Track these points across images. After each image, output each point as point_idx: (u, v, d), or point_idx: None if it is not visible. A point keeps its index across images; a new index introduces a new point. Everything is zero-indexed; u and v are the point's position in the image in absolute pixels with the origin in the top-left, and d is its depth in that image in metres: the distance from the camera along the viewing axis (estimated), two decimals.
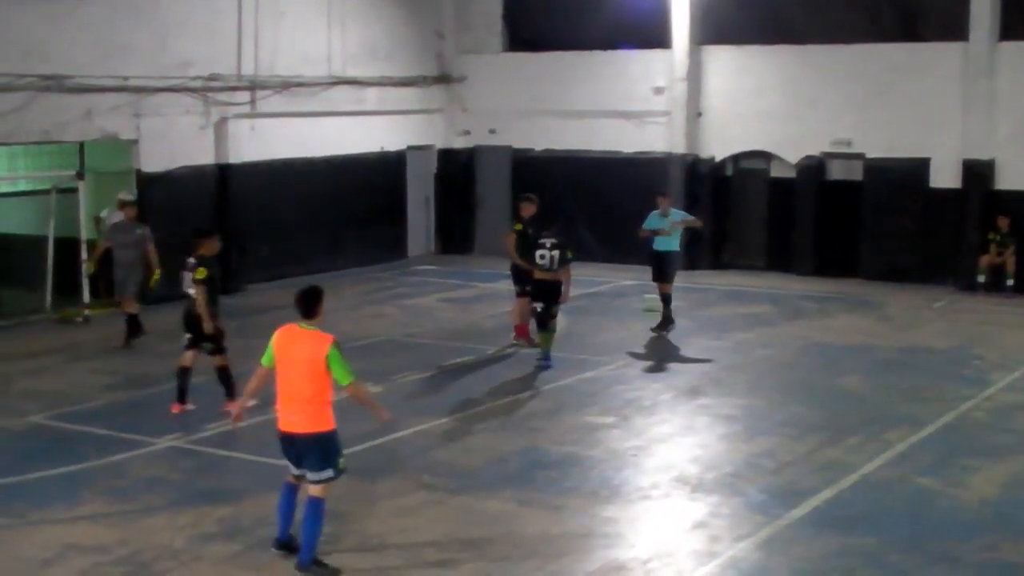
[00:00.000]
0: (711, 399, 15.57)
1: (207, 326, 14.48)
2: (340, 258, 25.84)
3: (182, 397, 14.71)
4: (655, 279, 19.68)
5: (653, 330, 19.37)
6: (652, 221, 19.37)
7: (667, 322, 19.52)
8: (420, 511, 11.38)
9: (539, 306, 17.44)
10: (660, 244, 19.42)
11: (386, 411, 10.18)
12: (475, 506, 11.50)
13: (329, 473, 9.81)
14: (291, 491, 10.16)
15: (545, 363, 17.26)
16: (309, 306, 9.85)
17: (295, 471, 10.01)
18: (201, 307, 14.38)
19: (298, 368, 9.66)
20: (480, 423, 14.46)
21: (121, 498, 11.69)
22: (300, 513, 9.98)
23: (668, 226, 19.27)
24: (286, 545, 10.18)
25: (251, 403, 10.77)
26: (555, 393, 15.89)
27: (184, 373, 14.71)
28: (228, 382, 14.62)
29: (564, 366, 17.28)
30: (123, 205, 19.38)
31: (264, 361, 9.93)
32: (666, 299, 19.51)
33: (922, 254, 24.20)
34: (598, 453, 13.23)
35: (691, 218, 20.11)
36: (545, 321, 17.43)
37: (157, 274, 18.49)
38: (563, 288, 17.28)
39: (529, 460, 12.95)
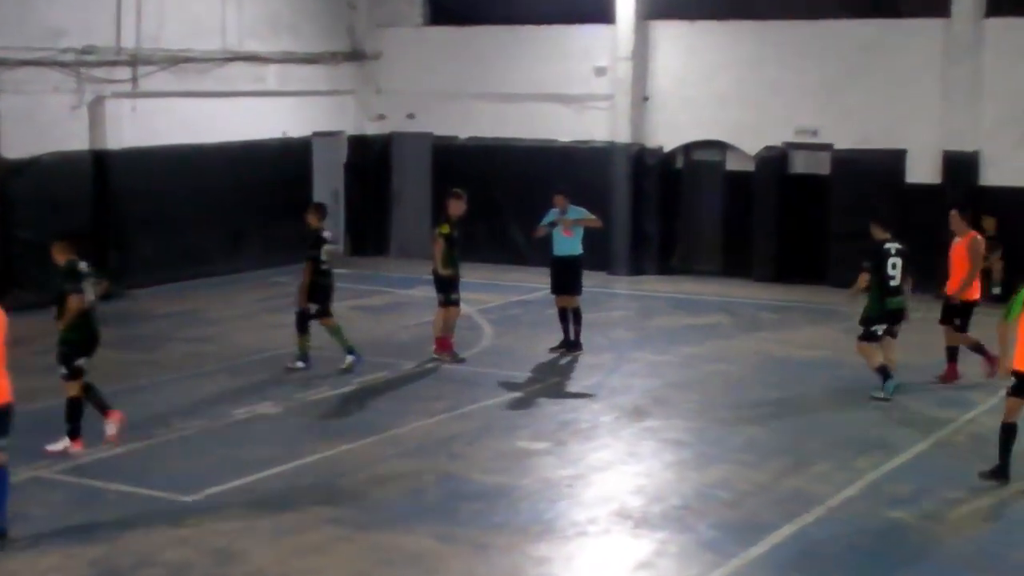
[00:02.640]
0: (657, 421, 15.60)
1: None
2: (236, 259, 25.63)
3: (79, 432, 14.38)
4: (556, 291, 19.24)
5: (553, 349, 19.19)
6: (547, 220, 19.15)
7: (573, 345, 19.16)
8: (325, 549, 11.29)
9: (315, 307, 17.95)
10: (561, 248, 19.08)
11: None
12: (388, 543, 11.43)
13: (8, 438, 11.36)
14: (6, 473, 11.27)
15: (356, 360, 17.89)
16: None
17: None
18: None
19: (1, 337, 11.12)
20: (394, 448, 14.39)
21: None
22: None
23: (563, 224, 18.93)
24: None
25: None
26: (480, 414, 15.85)
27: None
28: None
29: (490, 383, 17.27)
30: None
31: None
32: (576, 316, 19.22)
33: None
34: (529, 483, 13.20)
35: (591, 216, 19.37)
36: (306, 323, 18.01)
37: None
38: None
39: (450, 491, 12.90)
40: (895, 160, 24.43)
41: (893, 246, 16.49)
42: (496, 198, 26.56)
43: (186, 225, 24.65)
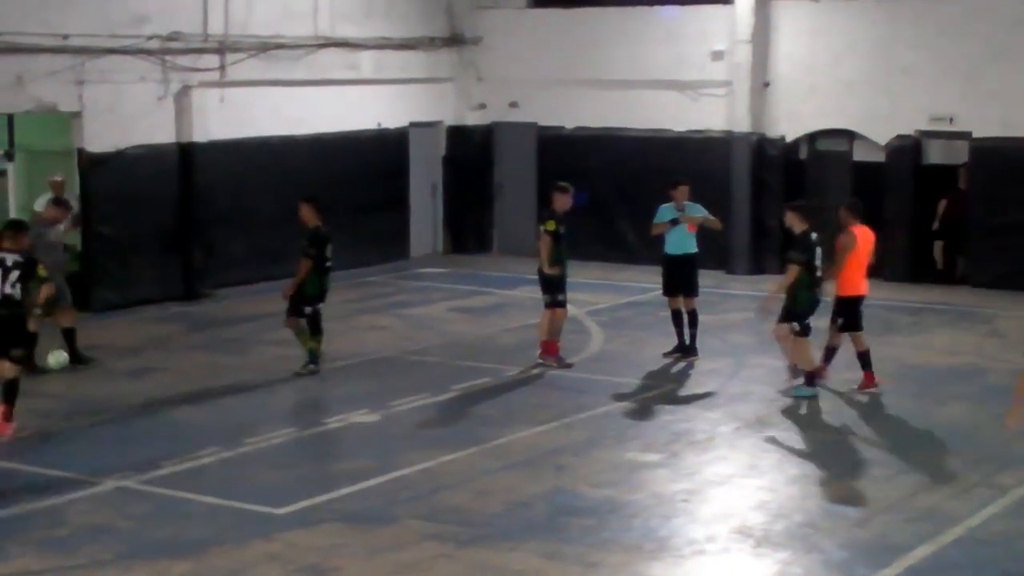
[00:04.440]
0: (780, 432, 15.51)
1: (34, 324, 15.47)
2: None
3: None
4: (669, 292, 19.14)
5: (667, 354, 19.14)
6: (664, 217, 19.03)
7: (689, 350, 19.12)
8: (425, 567, 11.33)
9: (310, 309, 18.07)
10: (675, 246, 19.00)
11: None
12: (492, 561, 11.46)
13: None
14: None
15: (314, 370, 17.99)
16: None
17: None
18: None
19: None
20: (498, 459, 14.42)
21: (58, 551, 11.64)
22: None
23: (686, 221, 18.87)
24: None
25: None
26: (588, 424, 15.85)
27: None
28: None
29: (599, 391, 17.26)
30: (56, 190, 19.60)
31: None
32: (692, 318, 19.19)
33: None
34: (641, 498, 13.18)
35: (711, 217, 19.32)
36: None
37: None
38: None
39: (557, 505, 12.90)
40: None
41: (815, 235, 17.16)
42: (605, 191, 26.53)
43: (275, 222, 24.74)
